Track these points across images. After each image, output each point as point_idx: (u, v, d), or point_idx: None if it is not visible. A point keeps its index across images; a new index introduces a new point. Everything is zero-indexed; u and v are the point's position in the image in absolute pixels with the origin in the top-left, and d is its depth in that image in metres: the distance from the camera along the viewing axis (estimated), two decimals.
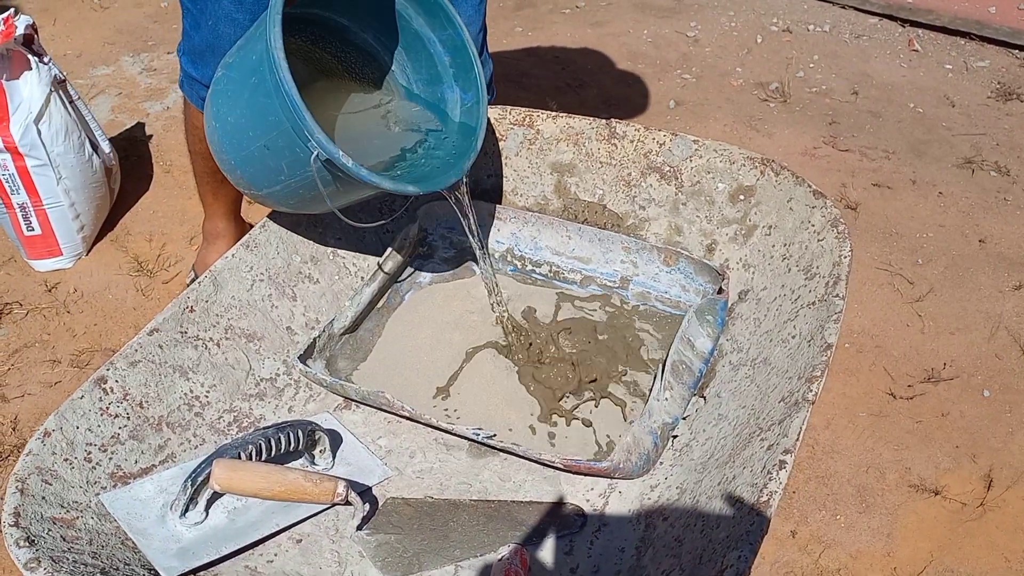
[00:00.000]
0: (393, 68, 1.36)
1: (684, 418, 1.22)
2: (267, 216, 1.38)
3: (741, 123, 2.74)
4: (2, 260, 2.32)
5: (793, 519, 1.60)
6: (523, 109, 1.51)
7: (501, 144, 1.51)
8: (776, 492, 0.93)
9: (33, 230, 2.23)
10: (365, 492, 1.15)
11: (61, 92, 2.20)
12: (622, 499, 1.14)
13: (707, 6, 3.42)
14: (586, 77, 3.01)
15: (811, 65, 3.03)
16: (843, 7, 3.32)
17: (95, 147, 2.31)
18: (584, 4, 3.48)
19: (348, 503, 1.09)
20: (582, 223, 1.46)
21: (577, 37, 3.24)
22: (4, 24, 2.05)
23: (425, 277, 1.46)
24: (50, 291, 2.19)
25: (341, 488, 1.07)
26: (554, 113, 1.49)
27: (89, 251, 2.35)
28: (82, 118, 2.29)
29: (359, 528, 1.09)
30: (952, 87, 2.91)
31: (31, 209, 2.19)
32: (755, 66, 3.04)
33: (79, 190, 2.24)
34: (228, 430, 1.21)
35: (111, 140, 2.43)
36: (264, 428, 1.11)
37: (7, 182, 2.15)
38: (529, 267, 1.47)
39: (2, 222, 2.26)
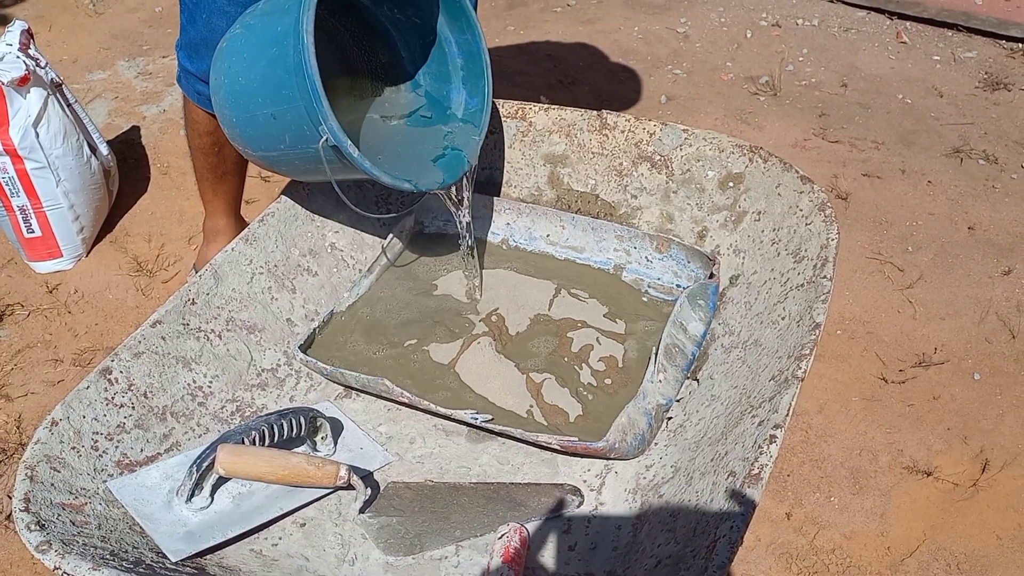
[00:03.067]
0: (403, 55, 1.39)
1: (678, 400, 1.24)
2: (266, 211, 1.41)
3: (732, 116, 2.76)
4: (2, 262, 2.34)
5: (788, 501, 1.62)
6: (516, 102, 1.53)
7: (494, 137, 1.54)
8: (767, 465, 0.96)
9: (33, 232, 2.25)
10: (367, 477, 1.18)
11: (59, 95, 2.23)
12: (618, 479, 1.16)
13: (697, 2, 3.45)
14: (578, 74, 3.03)
15: (800, 58, 3.06)
16: (831, 1, 3.36)
17: (93, 150, 2.33)
18: (575, 2, 3.51)
19: (350, 487, 1.12)
20: (575, 213, 1.48)
21: (568, 35, 3.27)
22: (25, 71, 2.09)
23: (422, 265, 1.48)
24: (51, 292, 2.21)
25: (343, 472, 1.10)
26: (546, 105, 1.52)
27: (89, 252, 2.37)
28: (80, 121, 2.31)
29: (361, 511, 1.11)
30: (940, 78, 2.94)
31: (31, 211, 2.21)
32: (745, 60, 3.07)
33: (78, 192, 2.27)
34: (231, 419, 1.24)
35: (109, 143, 2.45)
36: (267, 415, 1.13)
37: (7, 185, 2.17)
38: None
39: (2, 224, 2.28)
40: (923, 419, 1.77)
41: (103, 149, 2.38)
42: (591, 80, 3.00)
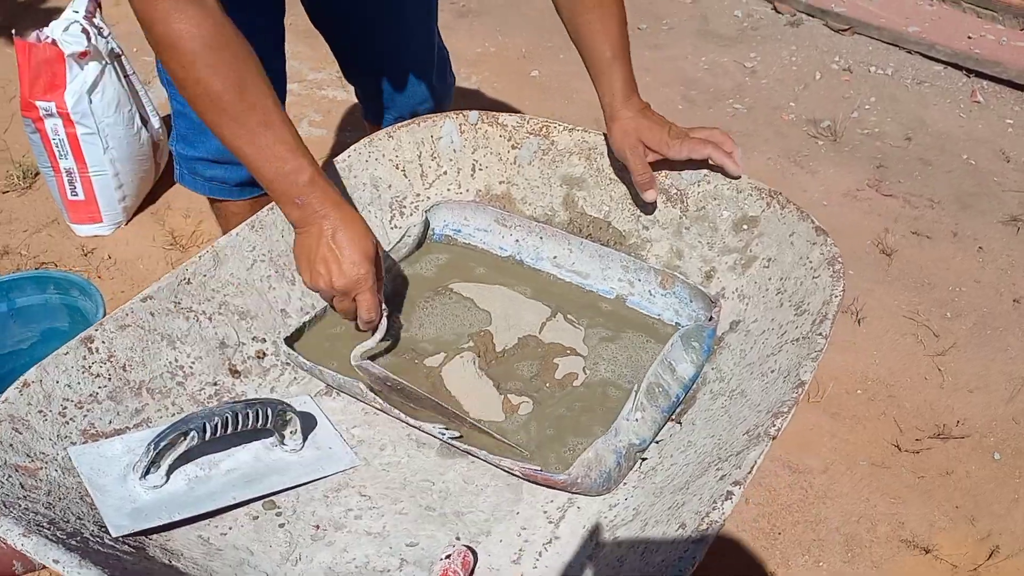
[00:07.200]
0: None
1: (657, 442, 1.21)
2: None
3: (786, 158, 2.70)
4: (47, 221, 2.41)
5: (774, 560, 1.57)
6: (541, 119, 1.52)
7: (515, 152, 1.52)
8: (717, 522, 0.92)
9: (77, 195, 2.31)
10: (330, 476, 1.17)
11: (117, 66, 2.29)
12: (579, 515, 1.13)
13: (770, 38, 3.39)
14: None
15: (867, 106, 2.98)
16: (909, 52, 3.26)
17: (145, 122, 2.39)
18: (646, 27, 3.48)
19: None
20: (585, 237, 1.46)
21: (634, 58, 3.24)
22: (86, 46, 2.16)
23: (424, 273, 1.47)
24: (86, 255, 2.27)
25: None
26: (571, 125, 1.50)
27: (129, 221, 2.42)
28: (135, 93, 2.37)
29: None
30: (1010, 142, 2.83)
31: (77, 175, 2.28)
32: (809, 102, 3.00)
33: (124, 161, 2.32)
34: (208, 402, 1.24)
35: (164, 118, 2.51)
36: (233, 402, 1.13)
37: (57, 147, 2.23)
38: None
39: (50, 184, 2.35)
40: (932, 493, 1.70)
41: (155, 123, 2.44)
42: None
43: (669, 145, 1.33)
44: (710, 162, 1.36)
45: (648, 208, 1.43)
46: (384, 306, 1.25)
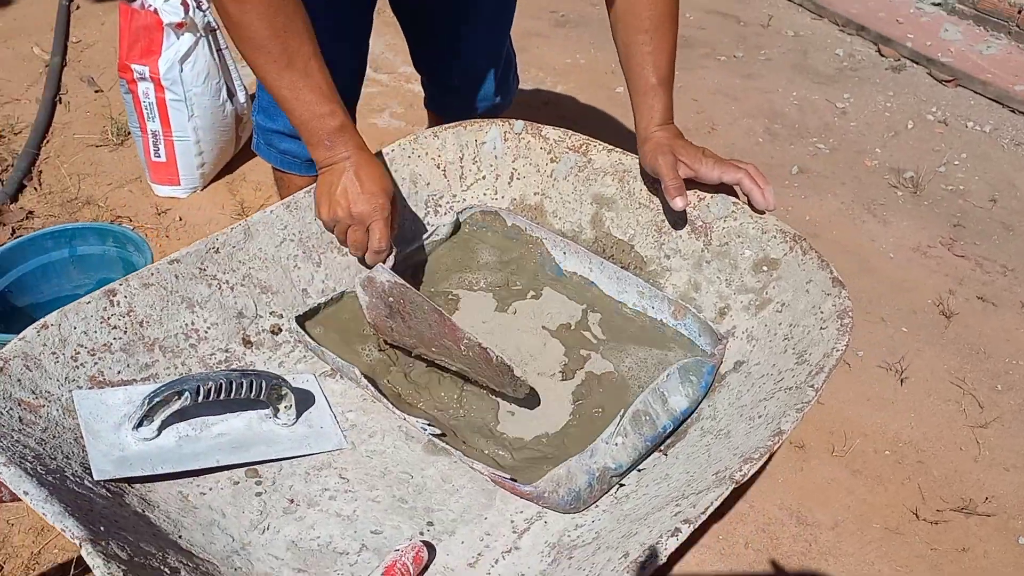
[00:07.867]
0: None
1: (639, 470, 1.21)
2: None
3: (860, 204, 2.63)
4: (131, 177, 2.54)
5: None
6: (583, 136, 1.53)
7: (553, 166, 1.54)
8: (658, 557, 0.92)
9: (160, 157, 2.43)
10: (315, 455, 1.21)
11: (210, 39, 2.40)
12: (545, 529, 1.14)
13: (867, 81, 3.30)
14: (718, 125, 2.97)
15: (956, 162, 2.88)
16: (1012, 111, 3.13)
17: (231, 95, 2.49)
18: (742, 55, 3.44)
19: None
20: (607, 258, 1.46)
21: (723, 85, 3.21)
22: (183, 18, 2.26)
23: (448, 270, 1.50)
24: (159, 215, 2.38)
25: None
26: (609, 146, 1.50)
27: (205, 187, 2.53)
28: (225, 66, 2.48)
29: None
30: None
31: (161, 137, 2.40)
32: (896, 150, 2.91)
33: (207, 130, 2.43)
34: (216, 367, 1.29)
35: (252, 95, 2.60)
36: (231, 370, 1.18)
37: (146, 109, 2.36)
38: None
39: (137, 143, 2.48)
40: (942, 568, 1.64)
41: (240, 97, 2.55)
42: (728, 134, 2.93)
43: (703, 162, 1.32)
44: (740, 189, 1.35)
45: (672, 232, 1.43)
46: (393, 245, 1.30)
